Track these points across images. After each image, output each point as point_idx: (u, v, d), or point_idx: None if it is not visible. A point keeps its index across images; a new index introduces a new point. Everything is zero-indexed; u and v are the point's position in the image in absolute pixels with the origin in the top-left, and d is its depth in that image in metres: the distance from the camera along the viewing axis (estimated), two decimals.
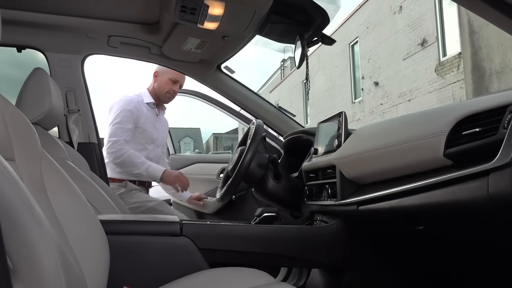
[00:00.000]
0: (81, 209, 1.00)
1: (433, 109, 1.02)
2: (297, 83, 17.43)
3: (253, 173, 1.72)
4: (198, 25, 1.51)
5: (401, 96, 10.24)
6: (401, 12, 10.22)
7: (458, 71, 8.29)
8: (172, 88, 2.26)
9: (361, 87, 12.27)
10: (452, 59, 8.46)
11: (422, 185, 0.93)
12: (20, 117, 0.88)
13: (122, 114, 2.13)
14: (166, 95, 2.28)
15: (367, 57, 11.78)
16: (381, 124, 1.20)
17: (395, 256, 1.32)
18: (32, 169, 0.87)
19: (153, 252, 1.20)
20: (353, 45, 12.75)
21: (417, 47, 9.58)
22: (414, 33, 9.69)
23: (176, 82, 2.26)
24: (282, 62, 22.01)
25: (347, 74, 13.00)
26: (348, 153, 1.23)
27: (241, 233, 1.29)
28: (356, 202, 1.20)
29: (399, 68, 10.27)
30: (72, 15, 1.71)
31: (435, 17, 9.00)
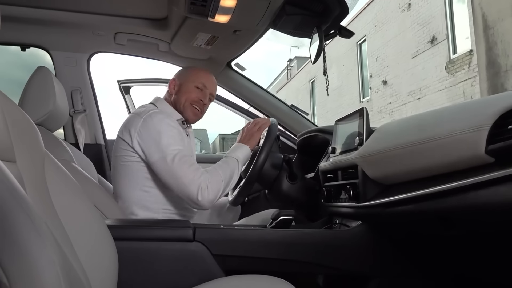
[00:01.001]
0: (88, 214, 0.93)
1: (472, 101, 0.94)
2: (304, 82, 17.34)
3: (267, 174, 1.64)
4: (209, 18, 1.44)
5: (410, 95, 10.11)
6: (409, 9, 10.09)
7: (469, 69, 8.15)
8: (199, 98, 1.54)
9: (369, 86, 12.15)
10: (463, 56, 8.33)
11: (460, 185, 0.85)
12: (22, 116, 0.82)
13: (170, 132, 1.39)
14: (191, 108, 1.54)
15: (375, 56, 11.66)
16: (410, 119, 1.11)
17: (422, 261, 1.23)
18: (34, 171, 0.81)
19: (164, 259, 1.13)
20: (361, 44, 12.63)
21: (427, 45, 9.44)
22: (423, 30, 9.56)
23: (204, 90, 1.57)
24: (289, 62, 21.95)
25: (354, 73, 12.88)
26: (372, 152, 1.14)
27: (258, 238, 1.21)
28: (381, 204, 1.11)
29: (408, 66, 10.13)
30: (77, 11, 1.65)
31: (445, 14, 8.87)
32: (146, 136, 1.37)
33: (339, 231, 1.31)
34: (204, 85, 1.57)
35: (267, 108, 2.10)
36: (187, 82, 1.56)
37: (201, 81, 1.56)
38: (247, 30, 1.61)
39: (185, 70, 1.64)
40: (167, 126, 1.39)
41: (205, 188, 1.31)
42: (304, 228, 1.45)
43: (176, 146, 1.36)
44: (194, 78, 1.57)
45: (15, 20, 1.61)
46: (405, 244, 1.26)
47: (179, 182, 1.32)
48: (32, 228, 0.50)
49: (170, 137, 1.37)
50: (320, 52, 1.42)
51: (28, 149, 0.80)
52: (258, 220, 1.52)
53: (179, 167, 1.32)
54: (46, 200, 0.80)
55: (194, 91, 1.55)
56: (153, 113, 1.41)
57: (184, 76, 1.59)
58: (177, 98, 1.56)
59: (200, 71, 1.61)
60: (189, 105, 1.55)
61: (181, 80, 1.58)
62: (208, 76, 1.60)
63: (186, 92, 1.55)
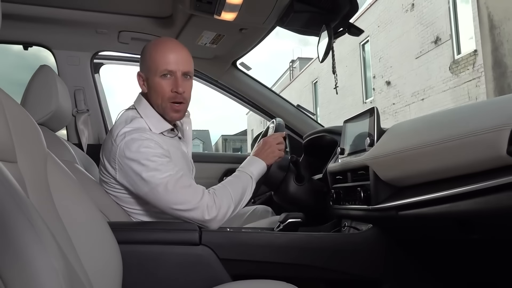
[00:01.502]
0: (91, 217, 0.90)
1: (489, 101, 0.90)
2: (306, 83, 17.30)
3: (273, 176, 1.61)
4: (215, 16, 1.40)
5: (414, 95, 10.06)
6: (413, 9, 10.04)
7: (473, 69, 8.09)
8: (172, 89, 1.23)
9: (372, 87, 12.10)
10: (467, 56, 8.27)
11: (481, 188, 0.81)
12: (24, 116, 0.79)
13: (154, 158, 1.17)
14: (169, 106, 1.25)
15: (378, 56, 11.61)
16: (424, 119, 1.07)
17: (435, 266, 1.19)
18: (36, 172, 0.78)
19: (169, 263, 1.09)
20: (364, 44, 12.59)
21: (430, 45, 9.39)
22: (427, 31, 9.51)
23: (172, 75, 1.23)
24: (291, 63, 21.93)
25: (357, 73, 12.84)
26: (384, 152, 1.11)
27: (266, 241, 1.17)
28: (395, 207, 1.07)
29: (411, 67, 10.08)
30: (80, 9, 1.62)
31: (448, 14, 8.82)
32: (128, 169, 1.16)
33: (350, 235, 1.27)
34: (169, 70, 1.22)
35: (272, 108, 2.07)
36: (151, 76, 1.24)
37: (163, 68, 1.21)
38: (253, 28, 1.58)
39: (143, 58, 1.28)
40: (148, 153, 1.15)
41: (212, 206, 1.15)
42: (312, 231, 1.42)
43: (165, 172, 1.14)
44: (155, 67, 1.22)
45: (17, 18, 1.58)
46: (418, 248, 1.22)
47: (180, 209, 1.14)
48: (33, 233, 0.47)
49: (156, 165, 1.14)
50: (328, 50, 1.38)
51: (30, 150, 0.77)
52: (265, 223, 1.48)
53: (176, 194, 1.13)
54: (48, 202, 0.77)
55: (163, 84, 1.23)
56: (129, 140, 1.16)
57: (146, 67, 1.26)
58: (152, 98, 1.26)
59: (157, 54, 1.23)
60: (167, 104, 1.24)
61: (145, 73, 1.27)
62: (170, 55, 1.23)
63: (156, 88, 1.24)
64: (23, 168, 0.72)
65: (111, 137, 1.20)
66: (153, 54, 1.24)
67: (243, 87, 2.04)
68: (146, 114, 1.27)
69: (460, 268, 1.20)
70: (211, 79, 2.03)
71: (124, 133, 1.18)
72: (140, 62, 1.30)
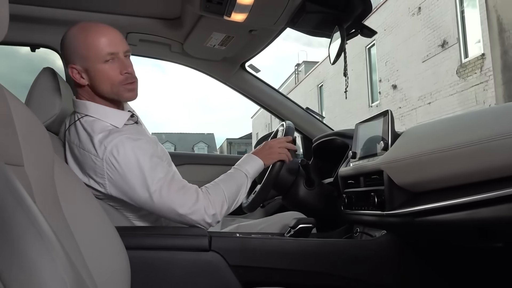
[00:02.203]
0: (99, 222, 0.88)
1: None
2: (312, 87, 17.27)
3: (283, 180, 1.58)
4: (225, 17, 1.38)
5: (420, 99, 10.00)
6: (419, 13, 10.00)
7: (481, 73, 8.03)
8: (121, 71, 1.14)
9: (378, 91, 12.05)
10: (475, 60, 8.21)
11: (504, 194, 0.77)
12: (32, 118, 0.77)
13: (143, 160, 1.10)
14: (123, 88, 1.16)
15: (384, 60, 11.57)
16: (442, 123, 1.04)
17: (452, 274, 1.15)
18: (43, 176, 0.76)
19: (178, 269, 1.07)
20: (370, 48, 12.55)
21: (437, 49, 9.34)
22: (434, 34, 9.46)
23: (116, 55, 1.14)
24: (296, 66, 21.91)
25: (363, 77, 12.79)
26: (400, 156, 1.07)
27: (277, 247, 1.14)
28: (411, 213, 1.04)
29: (418, 71, 10.03)
30: (88, 11, 1.60)
31: (456, 18, 8.76)
32: (121, 179, 1.08)
33: (363, 241, 1.24)
34: (111, 52, 1.12)
35: (281, 111, 2.04)
36: (91, 64, 1.13)
37: (105, 52, 1.12)
38: (263, 30, 1.55)
39: (72, 48, 1.15)
40: (136, 155, 1.08)
41: (206, 211, 1.10)
42: (323, 236, 1.38)
43: (157, 175, 1.08)
44: (94, 53, 1.12)
45: (24, 19, 1.57)
46: (433, 255, 1.19)
47: (178, 213, 1.08)
48: (40, 242, 0.44)
49: (146, 169, 1.08)
50: (340, 52, 1.35)
51: (37, 153, 0.75)
52: (275, 228, 1.45)
53: (171, 198, 1.08)
54: (55, 207, 0.75)
55: (109, 69, 1.13)
56: (113, 146, 1.08)
57: (79, 57, 1.14)
58: (99, 88, 1.15)
59: (91, 39, 1.13)
60: (119, 87, 1.15)
61: (81, 64, 1.14)
62: (105, 37, 1.13)
63: (102, 76, 1.13)
64: (30, 172, 0.70)
65: (87, 152, 1.10)
66: (87, 41, 1.12)
67: (251, 90, 2.01)
68: (98, 112, 1.16)
69: (478, 277, 1.16)
70: (219, 81, 2.01)
71: (100, 142, 1.09)
72: (67, 53, 1.16)
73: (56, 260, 0.43)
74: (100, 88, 1.15)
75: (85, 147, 1.11)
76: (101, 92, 1.16)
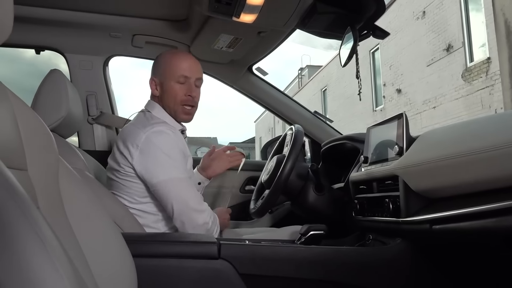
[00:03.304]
0: (104, 228, 0.85)
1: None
2: (315, 91, 17.24)
3: (292, 185, 1.54)
4: (233, 18, 1.35)
5: (425, 103, 9.94)
6: (424, 17, 9.96)
7: (486, 77, 7.97)
8: (187, 94, 1.35)
9: (382, 95, 12.00)
10: (480, 64, 8.15)
11: None
12: (36, 121, 0.74)
13: (177, 156, 1.29)
14: (181, 109, 1.36)
15: (388, 64, 11.52)
16: (461, 126, 1.00)
17: (471, 285, 1.11)
18: (47, 180, 0.72)
19: (186, 278, 1.03)
20: (374, 52, 12.51)
21: (442, 53, 9.29)
22: (439, 38, 9.41)
23: (187, 81, 1.35)
24: (300, 70, 21.88)
25: (367, 81, 12.74)
26: (416, 161, 1.03)
27: (288, 255, 1.10)
28: (428, 220, 1.00)
29: (423, 75, 9.97)
30: (94, 12, 1.57)
31: (461, 22, 8.72)
32: (150, 155, 1.23)
33: (378, 249, 1.19)
34: (185, 76, 1.35)
35: (289, 115, 2.00)
36: (166, 80, 1.35)
37: (180, 73, 1.34)
38: (272, 31, 1.52)
39: (158, 64, 1.40)
40: (173, 149, 1.27)
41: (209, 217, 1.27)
42: (334, 243, 1.34)
43: (183, 173, 1.26)
44: (172, 72, 1.35)
45: (29, 21, 1.54)
46: (449, 264, 1.14)
47: (184, 205, 1.22)
48: (44, 252, 0.41)
49: (177, 162, 1.26)
50: (352, 54, 1.32)
51: (42, 157, 0.72)
52: (285, 234, 1.41)
53: (186, 190, 1.23)
54: (59, 212, 0.72)
55: (178, 89, 1.34)
56: (158, 131, 1.26)
57: (161, 73, 1.37)
58: (165, 101, 1.37)
59: (175, 61, 1.36)
60: (179, 106, 1.36)
61: (160, 78, 1.37)
62: (186, 63, 1.36)
63: (170, 92, 1.35)
64: (33, 176, 0.67)
65: (138, 128, 1.28)
66: (171, 61, 1.37)
67: (259, 93, 1.97)
68: (160, 115, 1.37)
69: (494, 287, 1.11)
70: (226, 84, 1.97)
71: (153, 125, 1.27)
72: (154, 68, 1.40)
73: (59, 270, 0.40)
74: (166, 101, 1.37)
75: (137, 124, 1.31)
76: (165, 105, 1.37)
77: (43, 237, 0.41)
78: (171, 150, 1.25)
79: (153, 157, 1.23)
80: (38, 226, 0.42)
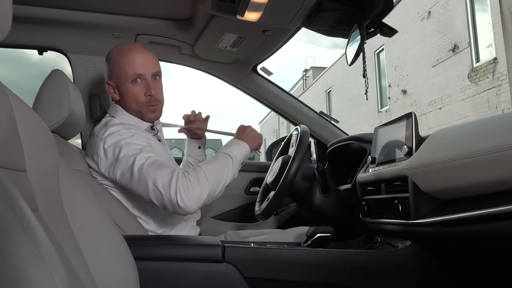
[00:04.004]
0: (106, 230, 0.83)
1: None
2: (320, 93, 17.19)
3: (297, 186, 1.51)
4: (238, 16, 1.32)
5: (431, 104, 9.87)
6: (429, 17, 9.90)
7: (493, 77, 7.90)
8: (146, 93, 1.27)
9: (388, 96, 11.93)
10: (487, 64, 8.08)
11: None
12: (37, 121, 0.72)
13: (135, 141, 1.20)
14: (146, 109, 1.29)
15: (393, 65, 11.46)
16: (472, 125, 0.96)
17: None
18: (47, 181, 0.70)
19: (189, 281, 1.00)
20: (379, 53, 12.46)
21: (448, 53, 9.22)
22: (444, 38, 9.35)
23: (143, 78, 1.26)
24: (304, 72, 21.85)
25: (372, 82, 12.68)
26: (427, 161, 1.00)
27: (295, 258, 1.07)
28: (440, 222, 0.96)
29: (428, 75, 9.91)
30: (96, 12, 1.56)
31: (467, 22, 8.65)
32: (110, 155, 1.17)
33: (387, 252, 1.16)
34: (139, 74, 1.25)
35: (294, 115, 1.98)
36: (121, 83, 1.27)
37: (133, 72, 1.25)
38: (277, 30, 1.50)
39: (109, 66, 1.31)
40: (129, 137, 1.18)
41: (184, 189, 1.07)
42: (341, 246, 1.31)
43: (144, 154, 1.14)
44: (124, 73, 1.25)
45: (31, 21, 1.53)
46: (460, 267, 1.11)
47: (152, 189, 1.09)
48: (38, 257, 0.39)
49: (135, 147, 1.15)
50: (359, 52, 1.29)
51: (41, 158, 0.70)
52: (291, 236, 1.38)
53: (149, 173, 1.10)
54: (60, 214, 0.70)
55: (136, 90, 1.26)
56: (111, 132, 1.19)
57: (114, 75, 1.29)
58: (127, 104, 1.29)
59: (124, 60, 1.26)
60: (143, 107, 1.28)
61: (115, 81, 1.29)
62: (136, 59, 1.26)
63: (129, 94, 1.27)
64: (32, 177, 0.65)
65: (94, 136, 1.25)
66: (120, 61, 1.27)
67: (263, 93, 1.95)
68: (124, 119, 1.29)
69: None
70: (230, 84, 1.95)
71: (106, 128, 1.22)
72: (107, 70, 1.32)
73: (51, 272, 0.38)
74: (127, 105, 1.29)
75: (96, 133, 1.24)
76: (128, 109, 1.30)
77: (36, 239, 0.39)
78: (128, 139, 1.17)
79: (112, 154, 1.16)
80: (30, 227, 0.40)
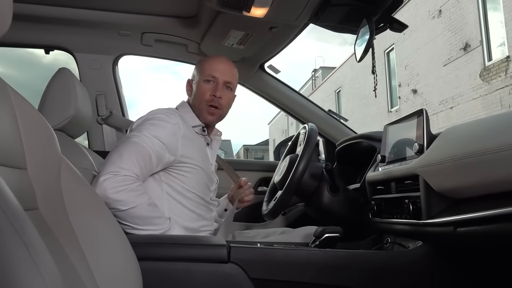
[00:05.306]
0: (108, 229, 0.81)
1: None
2: (329, 93, 17.11)
3: (305, 185, 1.48)
4: (244, 12, 1.30)
5: (442, 104, 9.74)
6: (440, 16, 9.78)
7: (506, 76, 7.77)
8: (211, 93, 1.31)
9: (398, 95, 11.82)
10: (499, 63, 7.95)
11: None
12: (38, 118, 0.71)
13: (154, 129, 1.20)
14: (206, 109, 1.33)
15: (404, 64, 11.35)
16: (485, 122, 0.93)
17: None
18: (48, 179, 0.69)
19: (194, 282, 0.98)
20: (389, 52, 12.35)
21: (459, 52, 9.09)
22: (455, 37, 9.22)
23: (214, 80, 1.33)
24: (313, 72, 21.76)
25: (382, 82, 12.58)
26: (439, 159, 0.97)
27: (302, 259, 1.04)
28: (452, 222, 0.93)
29: (439, 75, 9.78)
30: (102, 10, 1.55)
31: (478, 20, 8.52)
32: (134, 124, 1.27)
33: (398, 253, 1.13)
34: (213, 75, 1.33)
35: (302, 114, 1.95)
36: (197, 80, 1.37)
37: (208, 72, 1.34)
38: (284, 26, 1.47)
39: (196, 67, 1.42)
40: (158, 125, 1.21)
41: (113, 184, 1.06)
42: (350, 247, 1.28)
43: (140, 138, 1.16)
44: (202, 71, 1.36)
45: (37, 20, 1.52)
46: (478, 270, 1.07)
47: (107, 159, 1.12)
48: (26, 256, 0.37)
49: (152, 129, 1.19)
50: (368, 48, 1.25)
51: (42, 155, 0.68)
52: (298, 237, 1.35)
53: (118, 149, 1.13)
54: (60, 213, 0.69)
55: (204, 87, 1.34)
56: (153, 114, 1.27)
57: (195, 74, 1.40)
58: (193, 100, 1.37)
59: (208, 62, 1.39)
60: (204, 105, 1.34)
61: (194, 79, 1.40)
62: (218, 64, 1.36)
63: (198, 91, 1.35)
64: (33, 175, 0.64)
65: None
66: (205, 63, 1.39)
67: (271, 91, 1.93)
68: (183, 112, 1.35)
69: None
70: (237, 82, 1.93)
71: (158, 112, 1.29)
72: (193, 71, 1.42)
73: (41, 271, 0.37)
74: (193, 100, 1.37)
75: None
76: (193, 104, 1.37)
77: (26, 238, 0.38)
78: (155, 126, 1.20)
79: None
80: (21, 227, 0.38)
